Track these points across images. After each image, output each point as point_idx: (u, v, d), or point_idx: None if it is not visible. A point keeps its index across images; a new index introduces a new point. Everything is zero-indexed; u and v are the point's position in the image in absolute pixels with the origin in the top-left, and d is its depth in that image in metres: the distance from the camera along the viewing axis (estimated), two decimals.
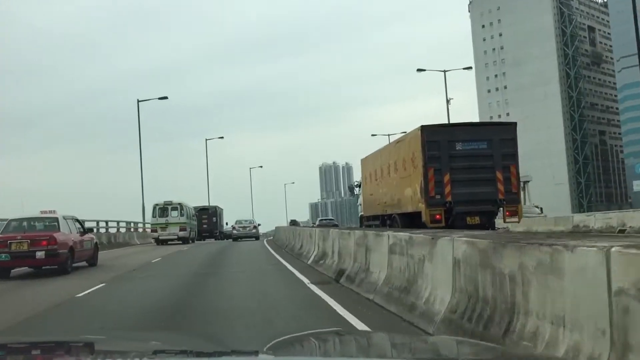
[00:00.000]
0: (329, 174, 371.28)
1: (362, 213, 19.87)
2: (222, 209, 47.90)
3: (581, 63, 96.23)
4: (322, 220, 44.15)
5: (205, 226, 41.31)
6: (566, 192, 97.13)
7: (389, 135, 34.48)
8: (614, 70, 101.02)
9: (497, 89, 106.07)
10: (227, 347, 2.14)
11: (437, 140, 12.37)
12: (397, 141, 14.71)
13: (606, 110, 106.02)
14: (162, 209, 28.33)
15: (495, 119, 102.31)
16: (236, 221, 33.42)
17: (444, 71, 32.02)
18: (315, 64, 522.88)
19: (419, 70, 33.15)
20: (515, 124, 13.05)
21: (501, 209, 12.71)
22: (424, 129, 12.61)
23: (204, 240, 39.30)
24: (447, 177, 12.30)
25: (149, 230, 30.97)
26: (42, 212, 12.46)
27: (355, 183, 23.81)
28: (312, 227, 19.22)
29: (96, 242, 14.22)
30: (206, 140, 39.53)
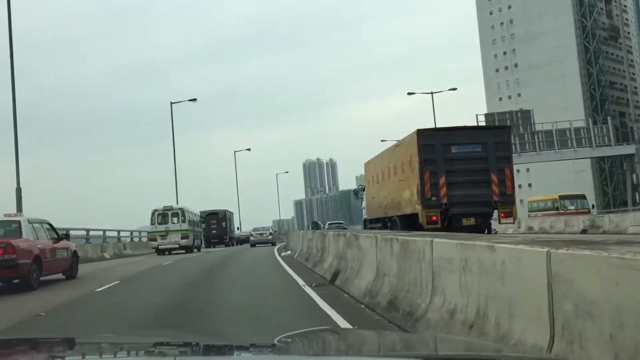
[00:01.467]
0: (313, 171, 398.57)
1: (366, 216, 22.55)
2: (232, 213, 50.52)
3: (599, 37, 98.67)
4: (331, 224, 47.76)
5: (214, 232, 43.90)
6: (588, 179, 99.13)
7: (382, 140, 38.82)
8: (631, 47, 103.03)
9: (506, 68, 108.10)
10: (234, 342, 2.47)
11: (432, 144, 14.58)
12: (396, 145, 16.96)
13: (625, 90, 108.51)
14: (162, 215, 29.06)
15: (505, 101, 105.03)
16: (253, 228, 41.04)
17: (431, 93, 37.63)
18: (298, 61, 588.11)
19: (409, 93, 41.16)
20: (509, 127, 15.36)
21: (496, 210, 14.90)
22: (420, 133, 14.83)
23: (213, 247, 41.60)
24: (442, 180, 14.51)
25: (145, 239, 32.73)
26: (5, 215, 12.05)
27: (360, 187, 26.40)
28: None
29: (75, 251, 13.73)
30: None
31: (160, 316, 7.13)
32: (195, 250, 30.50)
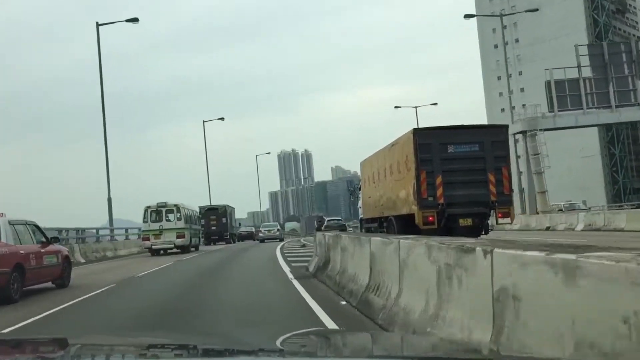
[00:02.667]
0: (288, 162, 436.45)
1: (362, 216, 24.56)
2: (232, 208, 52.52)
3: (608, 10, 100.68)
4: (330, 220, 53.26)
5: (214, 228, 46.35)
6: (597, 165, 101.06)
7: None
8: (637, 22, 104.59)
9: (506, 43, 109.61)
10: (237, 346, 2.67)
11: (429, 143, 16.18)
12: (392, 144, 18.61)
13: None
14: (155, 213, 29.96)
15: (504, 80, 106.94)
16: (262, 225, 51.05)
17: (416, 107, 45.59)
18: (270, 52, 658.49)
19: (396, 107, 50.92)
20: (506, 126, 17.06)
21: (493, 210, 16.58)
22: (416, 132, 16.46)
23: (213, 244, 43.77)
24: (439, 180, 16.14)
25: (134, 237, 33.89)
26: None
27: (356, 185, 28.41)
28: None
29: (67, 256, 13.71)
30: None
31: None
32: (192, 249, 31.52)
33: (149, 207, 30.25)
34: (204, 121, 58.39)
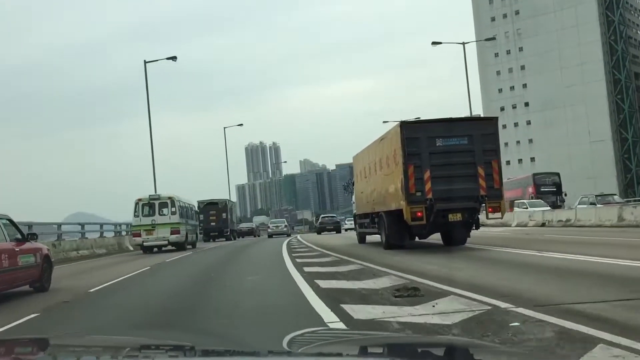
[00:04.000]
0: (255, 155, 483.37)
1: (355, 211, 27.10)
2: (233, 203, 56.56)
3: None
4: (324, 217, 59.07)
5: (213, 224, 49.66)
6: (609, 151, 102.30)
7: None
8: None
9: (504, 16, 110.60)
10: (240, 347, 3.07)
11: (416, 137, 18.14)
12: (382, 138, 20.70)
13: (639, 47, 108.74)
14: (148, 206, 30.91)
15: (503, 57, 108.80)
16: (271, 222, 59.52)
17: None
18: (239, 43, 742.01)
19: (384, 122, 52.78)
20: (496, 118, 19.09)
21: (484, 205, 18.57)
22: (403, 125, 18.46)
23: (212, 241, 46.62)
24: (427, 174, 18.09)
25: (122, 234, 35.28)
26: None
27: (350, 181, 31.07)
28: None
29: (47, 255, 13.72)
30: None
31: None
32: (189, 246, 32.83)
33: (140, 199, 31.08)
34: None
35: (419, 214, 18.18)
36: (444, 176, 18.14)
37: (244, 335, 6.43)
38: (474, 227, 19.44)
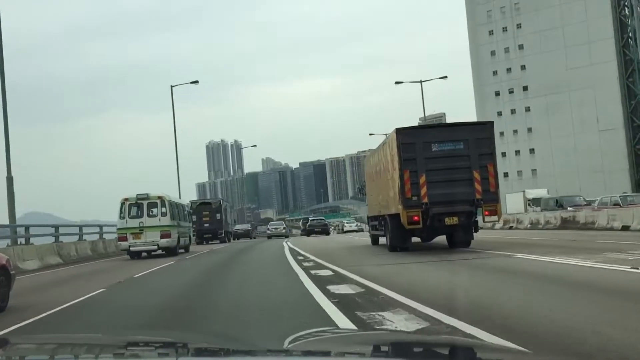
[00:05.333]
0: (217, 153, 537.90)
1: (368, 214, 31.32)
2: (227, 203, 59.83)
3: None
4: (313, 220, 69.06)
5: (206, 225, 52.90)
6: (620, 141, 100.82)
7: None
8: None
9: None
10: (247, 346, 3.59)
11: (412, 142, 21.22)
12: (383, 143, 24.19)
13: None
14: (135, 207, 31.83)
15: (498, 34, 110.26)
16: (270, 224, 67.50)
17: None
18: (201, 40, 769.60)
19: (371, 135, 60.19)
20: (491, 123, 22.20)
21: (480, 208, 21.61)
22: (399, 131, 21.48)
23: (205, 243, 48.89)
24: (423, 179, 21.15)
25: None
26: None
27: (363, 183, 34.65)
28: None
29: (4, 266, 12.67)
30: None
31: None
32: (181, 251, 34.10)
33: (126, 199, 31.90)
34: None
35: (416, 218, 21.28)
36: (440, 180, 21.24)
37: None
38: (473, 230, 22.49)
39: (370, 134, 71.68)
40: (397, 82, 63.79)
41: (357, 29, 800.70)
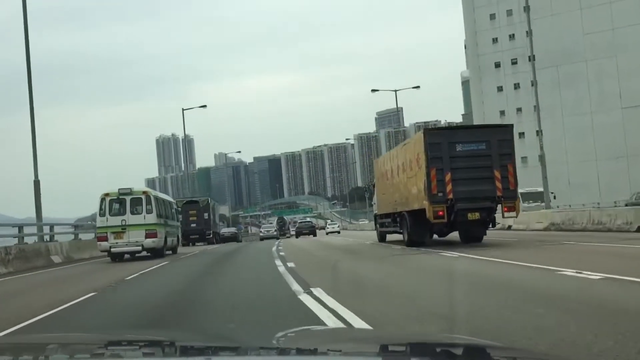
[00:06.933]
0: (167, 147, 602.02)
1: (376, 212, 37.31)
2: (215, 202, 64.67)
3: None
4: (301, 223, 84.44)
5: (193, 225, 56.99)
6: None
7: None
8: None
9: None
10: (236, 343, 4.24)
11: (438, 142, 27.17)
12: (404, 144, 30.29)
13: None
14: (117, 203, 32.97)
15: (501, 13, 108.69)
16: (262, 226, 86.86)
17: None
18: (155, 32, 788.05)
19: (373, 90, 64.20)
20: (512, 125, 28.37)
21: (500, 205, 27.56)
22: (427, 132, 27.62)
23: (192, 245, 51.74)
24: (448, 176, 27.04)
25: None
26: None
27: (372, 183, 40.56)
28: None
29: None
30: None
31: None
32: (168, 252, 35.65)
33: (107, 194, 33.04)
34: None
35: (441, 212, 27.20)
36: (464, 178, 27.13)
37: None
38: (490, 226, 28.40)
39: (374, 90, 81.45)
40: (373, 90, 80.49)
41: (316, 23, 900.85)
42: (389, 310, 11.50)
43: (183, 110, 63.69)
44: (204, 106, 63.53)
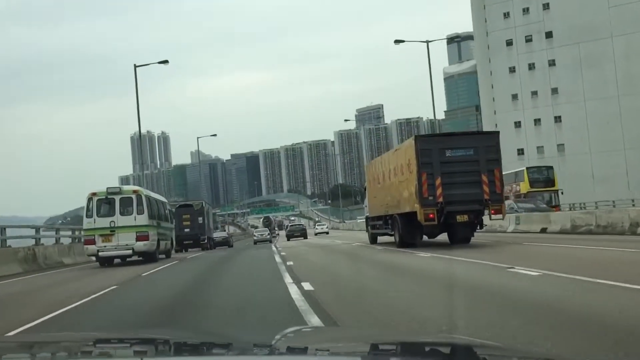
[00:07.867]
0: (142, 145, 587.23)
1: (368, 214, 40.32)
2: (209, 206, 66.33)
3: None
4: (292, 226, 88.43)
5: (187, 230, 56.01)
6: None
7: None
8: None
9: None
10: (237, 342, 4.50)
11: (429, 148, 29.99)
12: (396, 149, 33.44)
13: None
14: (105, 203, 31.96)
15: None
16: (255, 230, 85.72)
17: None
18: (129, 28, 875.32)
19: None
20: (498, 132, 31.05)
21: (487, 208, 29.47)
22: (417, 139, 30.37)
23: (185, 251, 51.95)
24: (438, 181, 29.78)
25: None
26: None
27: (364, 186, 42.46)
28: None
29: None
30: None
31: None
32: (162, 256, 34.97)
33: (94, 194, 31.94)
34: None
35: (431, 215, 30.19)
36: (453, 182, 30.38)
37: None
38: (478, 228, 30.17)
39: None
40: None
41: (291, 22, 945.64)
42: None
43: (135, 66, 55.71)
44: (166, 61, 57.83)
